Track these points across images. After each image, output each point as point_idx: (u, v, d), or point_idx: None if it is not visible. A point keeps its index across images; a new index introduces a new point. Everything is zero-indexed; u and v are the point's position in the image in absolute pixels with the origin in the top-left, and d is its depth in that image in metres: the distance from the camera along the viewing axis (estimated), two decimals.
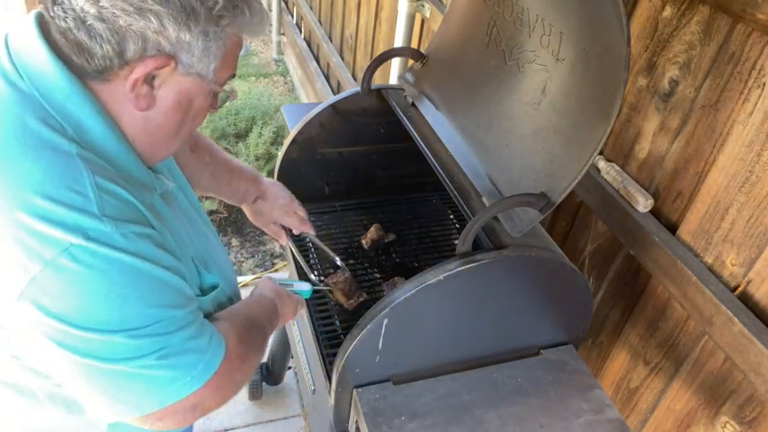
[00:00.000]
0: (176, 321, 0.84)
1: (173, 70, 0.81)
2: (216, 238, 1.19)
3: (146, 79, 0.80)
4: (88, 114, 0.80)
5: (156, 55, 0.78)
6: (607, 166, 1.34)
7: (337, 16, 3.47)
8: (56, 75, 0.79)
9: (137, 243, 0.79)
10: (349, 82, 3.08)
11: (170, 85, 0.83)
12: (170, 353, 0.83)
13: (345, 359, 1.08)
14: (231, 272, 1.17)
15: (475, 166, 1.21)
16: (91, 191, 0.77)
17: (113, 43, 0.76)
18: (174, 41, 0.78)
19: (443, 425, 1.10)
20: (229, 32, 0.83)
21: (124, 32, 0.76)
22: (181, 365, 0.84)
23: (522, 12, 1.14)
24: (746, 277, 1.08)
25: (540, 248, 1.11)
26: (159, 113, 0.85)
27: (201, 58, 0.81)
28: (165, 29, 0.76)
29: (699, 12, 1.11)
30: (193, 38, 0.79)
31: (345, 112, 1.54)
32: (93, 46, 0.77)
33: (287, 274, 2.78)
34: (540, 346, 1.26)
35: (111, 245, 0.76)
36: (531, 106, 1.12)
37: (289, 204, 1.47)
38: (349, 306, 1.38)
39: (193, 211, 1.12)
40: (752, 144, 1.03)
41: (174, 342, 0.83)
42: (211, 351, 0.89)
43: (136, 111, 0.83)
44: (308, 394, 1.57)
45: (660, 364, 1.31)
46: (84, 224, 0.75)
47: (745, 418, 1.12)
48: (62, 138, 0.78)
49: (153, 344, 0.81)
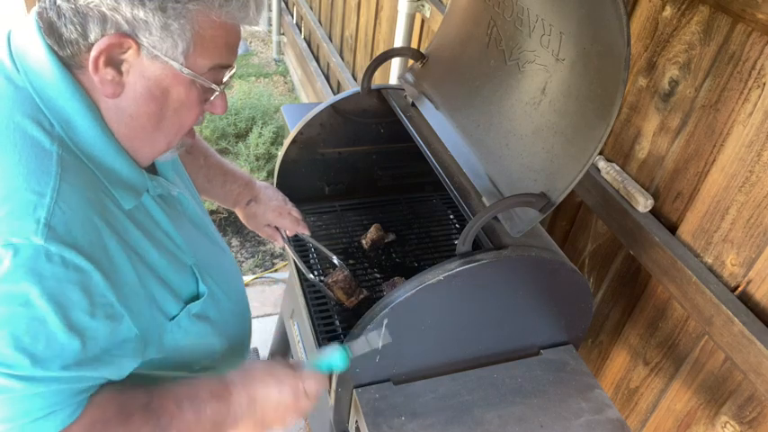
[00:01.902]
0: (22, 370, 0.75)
1: (137, 53, 0.78)
2: (225, 252, 1.18)
3: (109, 62, 0.77)
4: (77, 111, 0.80)
5: (114, 33, 0.75)
6: (607, 166, 1.34)
7: (337, 16, 3.47)
8: (50, 70, 0.78)
9: (54, 269, 0.73)
10: (349, 82, 3.08)
11: (138, 70, 0.79)
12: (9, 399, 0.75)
13: None
14: (235, 286, 1.15)
15: (475, 166, 1.21)
16: (50, 194, 0.74)
17: (76, 23, 0.75)
18: (129, 18, 0.75)
19: (443, 425, 1.10)
20: (194, 9, 0.77)
21: (85, 12, 0.75)
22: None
23: (522, 12, 1.14)
24: (746, 277, 1.08)
25: (540, 248, 1.11)
26: (130, 101, 0.82)
27: (163, 37, 0.77)
28: (118, 4, 0.74)
29: (699, 12, 1.11)
30: (149, 14, 0.75)
31: (345, 112, 1.54)
32: (61, 26, 0.76)
33: (287, 274, 2.78)
34: (540, 346, 1.26)
35: (23, 259, 0.71)
36: (531, 106, 1.12)
37: (282, 206, 1.47)
38: (350, 304, 1.38)
39: (202, 220, 1.10)
40: (752, 144, 1.03)
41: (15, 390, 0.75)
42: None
43: (107, 100, 0.81)
44: None
45: (660, 364, 1.31)
46: (14, 228, 0.71)
47: (745, 418, 1.12)
48: (46, 136, 0.77)
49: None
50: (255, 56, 5.08)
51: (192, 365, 1.05)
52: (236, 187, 1.41)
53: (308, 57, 3.90)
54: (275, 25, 4.77)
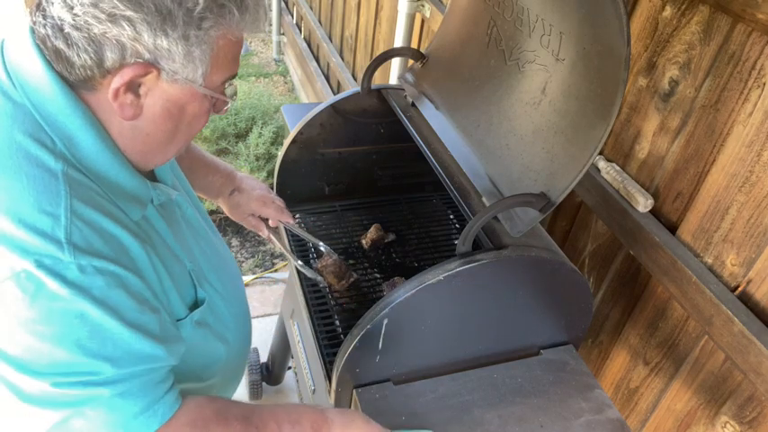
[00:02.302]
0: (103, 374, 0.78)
1: (157, 78, 0.77)
2: (224, 254, 1.17)
3: (129, 88, 0.77)
4: (79, 127, 0.78)
5: (135, 63, 0.75)
6: (607, 166, 1.34)
7: (337, 16, 3.47)
8: (49, 86, 0.77)
9: (93, 279, 0.75)
10: (349, 82, 3.08)
11: (156, 93, 0.79)
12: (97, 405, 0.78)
13: (345, 359, 1.08)
14: (234, 289, 1.15)
15: (475, 166, 1.21)
16: (64, 214, 0.74)
17: (90, 52, 0.74)
18: (151, 48, 0.74)
19: (443, 425, 1.10)
20: (215, 35, 0.77)
21: (100, 41, 0.73)
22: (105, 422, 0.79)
23: (522, 12, 1.14)
24: (746, 277, 1.08)
25: (540, 248, 1.11)
26: (148, 122, 0.82)
27: (185, 63, 0.77)
28: (139, 35, 0.72)
29: (699, 12, 1.11)
30: (172, 43, 0.74)
31: (345, 112, 1.54)
32: (72, 55, 0.74)
33: (287, 274, 2.78)
34: (540, 346, 1.26)
35: (62, 277, 0.72)
36: (531, 106, 1.12)
37: (265, 195, 1.45)
38: (341, 287, 1.38)
39: (199, 222, 1.10)
40: (752, 144, 1.03)
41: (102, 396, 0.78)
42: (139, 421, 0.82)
43: (123, 120, 0.80)
44: (307, 394, 1.57)
45: (660, 364, 1.31)
46: (41, 250, 0.72)
47: (745, 417, 1.12)
48: (49, 154, 0.76)
49: (77, 395, 0.76)
50: (255, 56, 5.08)
51: (202, 374, 1.06)
52: (219, 178, 1.40)
53: (308, 57, 3.90)
54: (275, 25, 4.77)
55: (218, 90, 0.85)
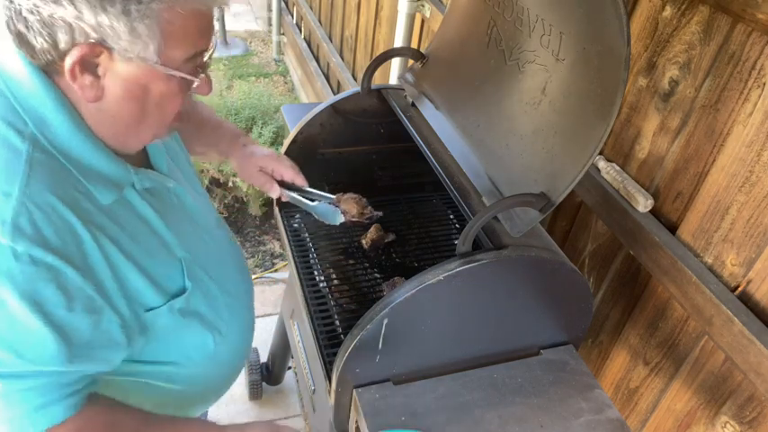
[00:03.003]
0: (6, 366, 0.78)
1: (110, 57, 0.77)
2: (227, 246, 1.16)
3: (85, 68, 0.77)
4: (51, 109, 0.79)
5: (84, 42, 0.75)
6: (607, 166, 1.34)
7: (337, 16, 3.47)
8: (23, 71, 0.79)
9: (24, 268, 0.73)
10: (349, 82, 3.08)
11: (114, 73, 0.79)
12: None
13: (345, 359, 1.08)
14: (235, 282, 1.14)
15: (475, 166, 1.21)
16: (16, 195, 0.74)
17: (45, 35, 0.74)
18: (95, 26, 0.73)
19: (443, 425, 1.10)
20: (157, 8, 0.75)
21: (52, 23, 0.73)
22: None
23: (522, 12, 1.14)
24: (746, 277, 1.08)
25: (540, 248, 1.11)
26: (111, 103, 0.82)
27: (133, 40, 0.75)
28: (81, 14, 0.72)
29: (699, 12, 1.11)
30: (113, 20, 0.73)
31: (345, 112, 1.54)
32: (31, 38, 0.75)
33: (287, 274, 2.78)
34: (540, 346, 1.26)
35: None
36: (531, 106, 1.12)
37: (279, 154, 1.41)
38: (361, 217, 1.32)
39: (200, 213, 1.10)
40: (752, 144, 1.03)
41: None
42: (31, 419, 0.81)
43: (88, 103, 0.81)
44: (307, 394, 1.57)
45: (660, 364, 1.31)
46: None
47: (745, 417, 1.12)
48: (17, 135, 0.77)
49: None
50: (255, 56, 5.08)
51: (182, 362, 1.05)
52: (229, 132, 1.37)
53: (308, 57, 3.90)
54: (275, 25, 4.77)
55: (183, 69, 0.82)
